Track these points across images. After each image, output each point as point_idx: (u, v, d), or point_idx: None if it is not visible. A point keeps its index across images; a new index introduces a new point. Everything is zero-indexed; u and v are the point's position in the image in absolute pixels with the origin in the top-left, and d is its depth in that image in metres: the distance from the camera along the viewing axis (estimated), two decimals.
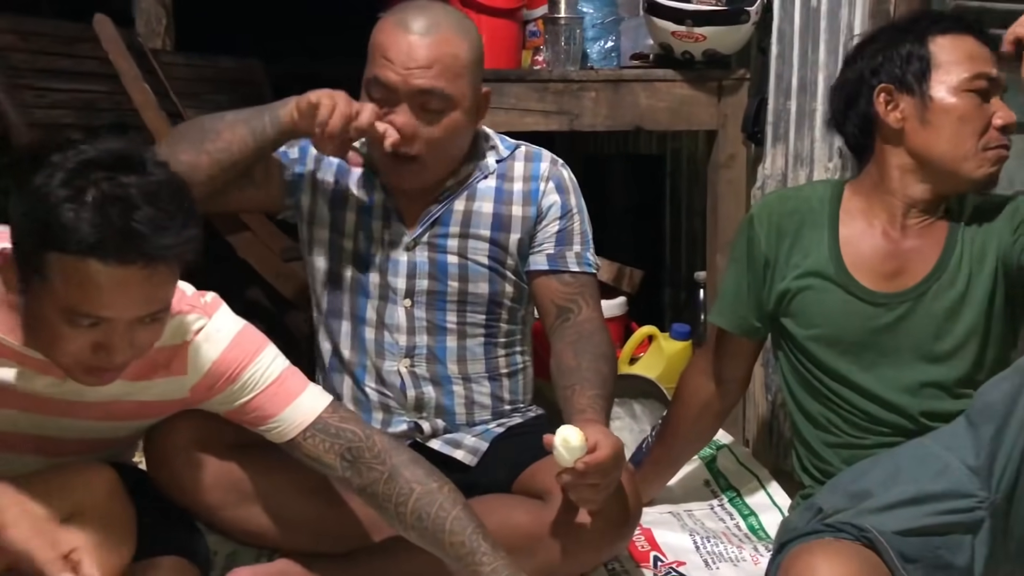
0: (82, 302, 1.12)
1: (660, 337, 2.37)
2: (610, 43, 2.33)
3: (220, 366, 1.34)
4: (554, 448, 1.36)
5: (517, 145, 1.69)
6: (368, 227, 1.64)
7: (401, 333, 1.62)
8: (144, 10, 3.59)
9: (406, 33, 1.51)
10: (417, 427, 1.63)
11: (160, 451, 1.46)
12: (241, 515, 1.49)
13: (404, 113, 1.52)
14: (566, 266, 1.65)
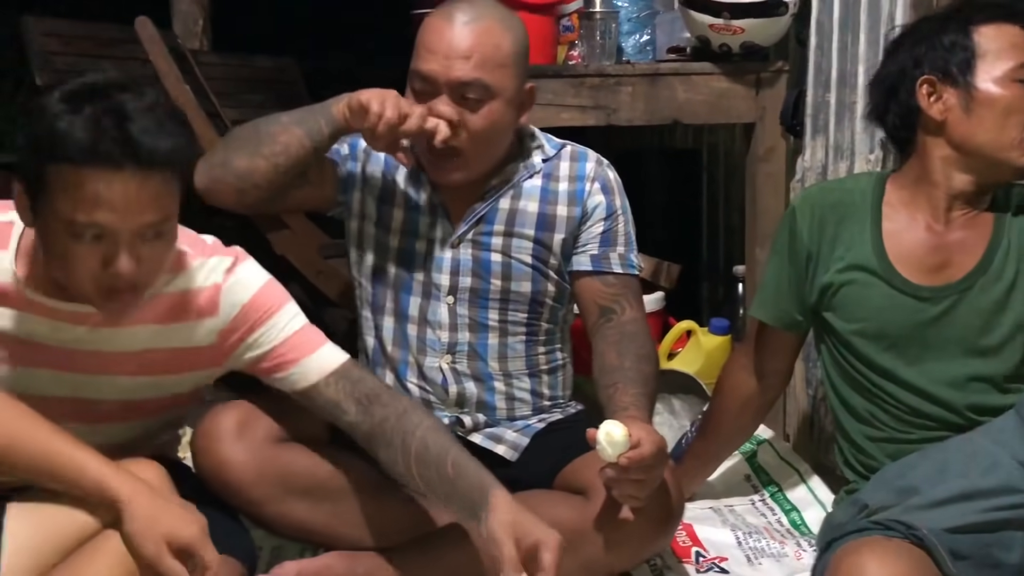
0: (81, 211, 1.15)
1: (699, 332, 2.36)
2: (645, 37, 2.32)
3: (249, 310, 1.36)
4: (597, 443, 1.36)
5: (563, 144, 1.69)
6: (415, 223, 1.64)
7: (443, 330, 1.63)
8: (181, 11, 3.64)
9: (449, 24, 1.53)
10: (458, 421, 1.64)
11: (205, 446, 1.48)
12: (286, 510, 1.50)
13: (444, 104, 1.52)
14: (609, 267, 1.65)
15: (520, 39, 1.57)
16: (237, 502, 1.48)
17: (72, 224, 1.16)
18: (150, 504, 1.16)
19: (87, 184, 1.14)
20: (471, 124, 1.53)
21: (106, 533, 1.18)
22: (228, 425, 1.47)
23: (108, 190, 1.14)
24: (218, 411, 1.50)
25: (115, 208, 1.15)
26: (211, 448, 1.47)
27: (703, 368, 2.26)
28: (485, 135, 1.55)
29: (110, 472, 1.17)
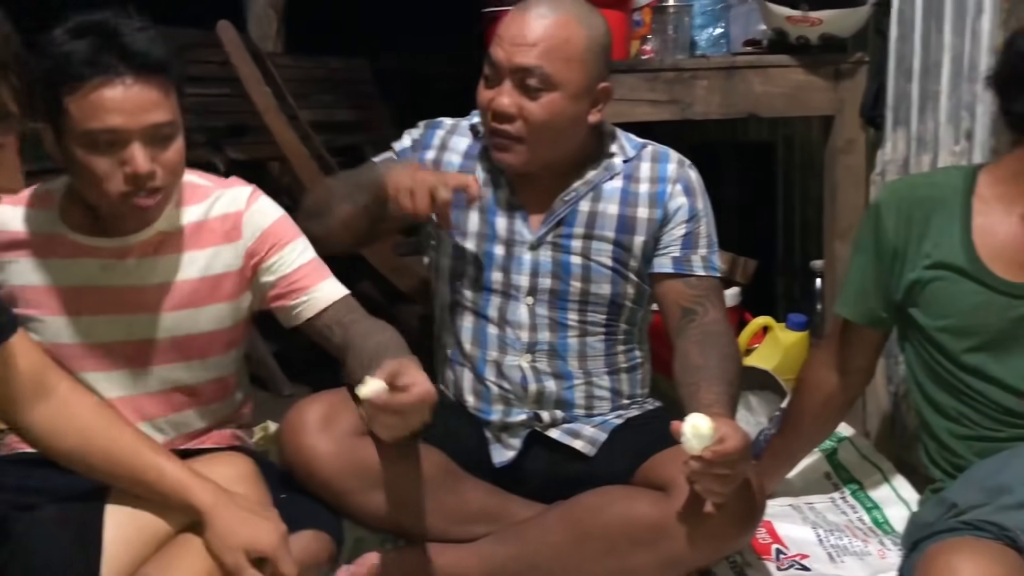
0: (94, 119, 1.30)
1: (776, 328, 2.34)
2: (719, 30, 2.30)
3: (269, 234, 1.51)
4: (682, 435, 1.35)
5: (644, 145, 1.68)
6: (492, 226, 1.64)
7: (523, 329, 1.64)
8: (256, 14, 3.73)
9: (523, 14, 1.54)
10: (536, 417, 1.65)
11: (291, 438, 1.52)
12: (368, 501, 1.52)
13: (506, 90, 1.54)
14: (691, 270, 1.64)
15: (596, 37, 1.56)
16: (321, 493, 1.51)
17: (89, 135, 1.31)
18: (229, 514, 1.21)
19: (94, 95, 1.29)
20: (529, 112, 1.53)
21: (194, 530, 1.23)
22: (313, 418, 1.51)
23: (113, 96, 1.29)
24: (303, 404, 1.54)
25: (123, 110, 1.30)
26: (296, 440, 1.51)
27: (781, 364, 2.24)
28: (543, 125, 1.54)
29: (191, 481, 1.22)
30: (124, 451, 1.23)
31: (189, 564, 1.21)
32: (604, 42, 1.58)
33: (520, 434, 1.65)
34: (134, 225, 1.45)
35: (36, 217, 1.45)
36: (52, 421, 1.24)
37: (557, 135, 1.56)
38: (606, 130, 1.68)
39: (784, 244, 2.90)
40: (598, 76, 1.57)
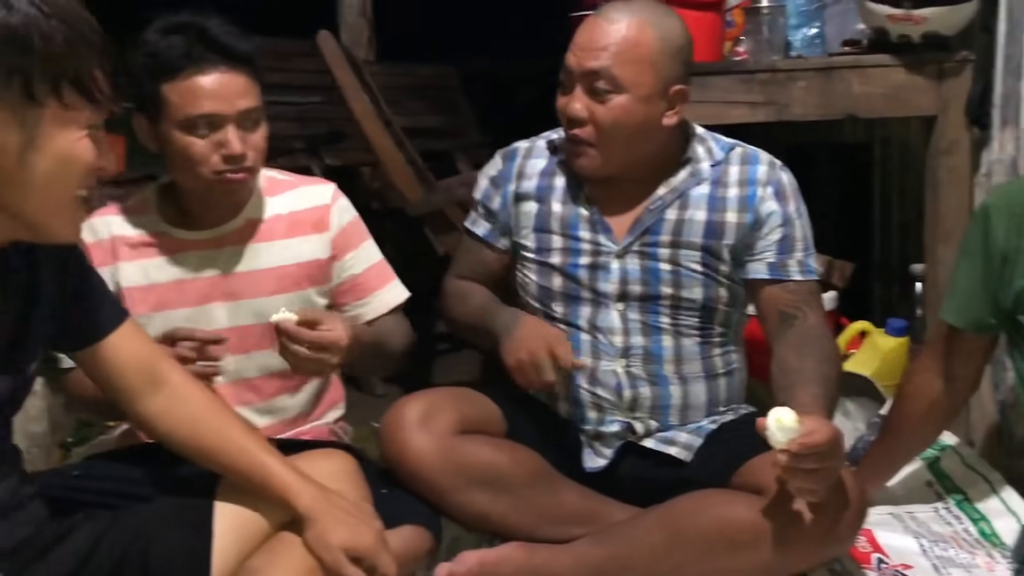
0: (193, 106, 1.44)
1: (874, 333, 2.29)
2: (814, 30, 2.27)
3: (351, 228, 1.64)
4: (766, 428, 1.33)
5: (732, 146, 1.66)
6: (576, 242, 1.63)
7: (616, 335, 1.62)
8: (349, 23, 3.81)
9: (595, 20, 1.56)
10: (630, 428, 1.64)
11: (392, 435, 1.56)
12: (466, 499, 1.55)
13: (577, 95, 1.55)
14: (788, 275, 1.61)
15: (669, 39, 1.55)
16: (421, 490, 1.55)
17: (188, 120, 1.45)
18: (328, 515, 1.23)
19: (192, 83, 1.44)
20: (597, 116, 1.54)
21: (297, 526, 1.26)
22: (413, 415, 1.55)
23: (209, 84, 1.44)
24: (403, 402, 1.58)
25: (218, 96, 1.44)
26: (397, 437, 1.55)
27: (879, 370, 2.19)
28: (613, 129, 1.54)
29: (293, 482, 1.25)
30: (232, 446, 1.27)
31: (293, 560, 1.24)
32: (679, 44, 1.56)
33: (613, 444, 1.65)
34: (224, 214, 1.57)
35: (137, 221, 1.58)
36: (165, 411, 1.29)
37: (629, 138, 1.55)
38: (692, 133, 1.65)
39: (881, 247, 2.83)
40: (672, 78, 1.55)
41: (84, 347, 1.27)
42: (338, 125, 3.26)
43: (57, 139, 1.05)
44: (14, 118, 1.02)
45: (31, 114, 1.02)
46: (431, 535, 1.49)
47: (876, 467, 1.82)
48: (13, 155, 1.03)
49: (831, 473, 1.37)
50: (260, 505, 1.26)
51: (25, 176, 1.04)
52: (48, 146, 1.04)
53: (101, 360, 1.27)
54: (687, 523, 1.49)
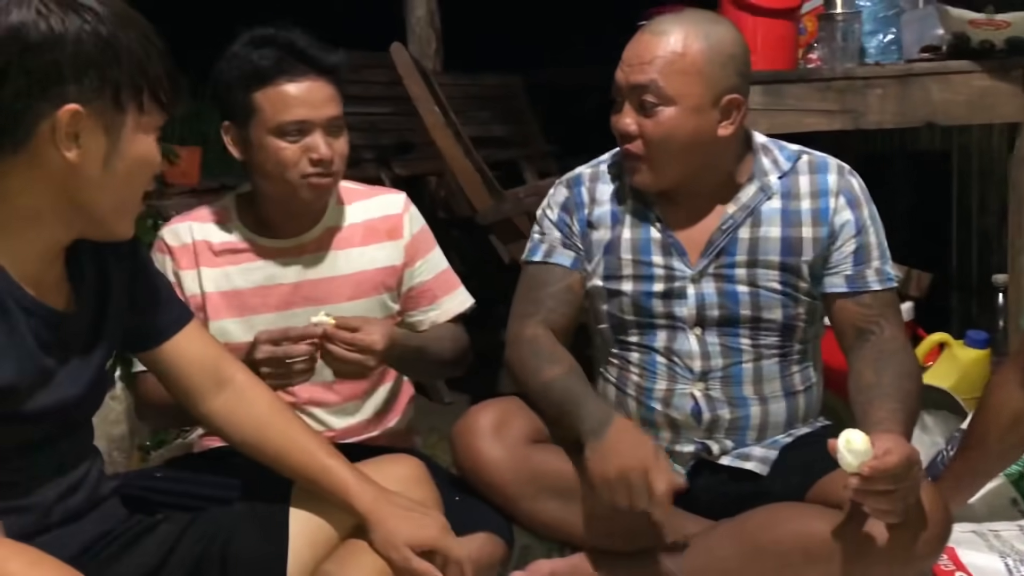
0: (285, 113, 1.50)
1: (953, 345, 2.23)
2: (890, 36, 2.23)
3: (422, 236, 1.69)
4: (837, 452, 1.30)
5: (799, 155, 1.61)
6: (648, 267, 1.59)
7: (694, 359, 1.58)
8: (417, 35, 3.86)
9: (642, 34, 1.53)
10: (705, 448, 1.61)
11: (465, 443, 1.56)
12: (538, 508, 1.55)
13: (626, 110, 1.53)
14: (866, 286, 1.57)
15: (719, 47, 1.50)
16: (493, 497, 1.55)
17: (280, 127, 1.51)
18: (389, 514, 1.24)
19: (284, 93, 1.51)
20: (646, 130, 1.51)
21: None
22: (486, 424, 1.55)
23: (300, 93, 1.51)
24: (476, 410, 1.58)
25: (309, 104, 1.51)
26: (470, 444, 1.55)
27: (958, 383, 2.14)
28: (662, 142, 1.51)
29: (353, 484, 1.26)
30: (295, 447, 1.29)
31: (364, 564, 1.25)
32: (731, 52, 1.52)
33: (687, 463, 1.62)
34: (304, 222, 1.61)
35: (219, 228, 1.63)
36: (230, 411, 1.31)
37: (682, 151, 1.52)
38: (757, 145, 1.61)
39: (959, 257, 2.77)
40: (724, 88, 1.51)
41: (150, 348, 1.30)
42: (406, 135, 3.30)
43: (136, 143, 1.10)
44: (103, 125, 1.07)
45: (116, 120, 1.08)
46: (504, 543, 1.50)
47: (957, 483, 1.77)
48: (98, 160, 1.08)
49: (907, 494, 1.33)
50: (332, 511, 1.27)
51: (106, 179, 1.09)
52: (128, 150, 1.10)
53: (167, 361, 1.31)
54: (763, 536, 1.47)
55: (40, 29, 1.03)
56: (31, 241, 1.11)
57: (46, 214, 1.09)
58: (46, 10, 1.03)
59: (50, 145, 1.05)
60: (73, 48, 1.03)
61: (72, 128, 1.05)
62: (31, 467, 1.14)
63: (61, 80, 1.04)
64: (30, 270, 1.11)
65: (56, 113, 1.04)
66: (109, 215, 1.13)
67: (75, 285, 1.18)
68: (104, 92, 1.06)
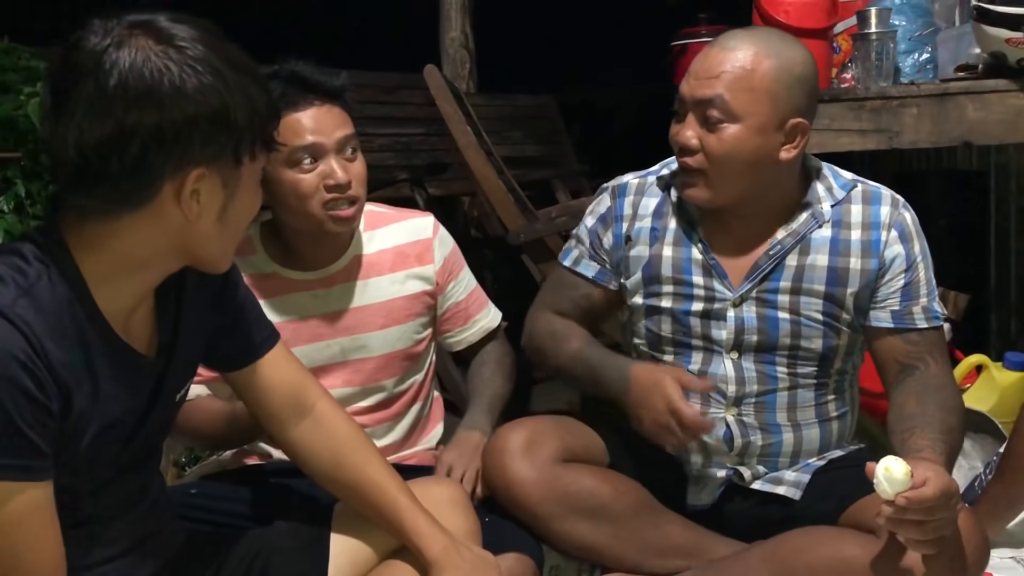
0: (295, 140, 1.49)
1: (991, 367, 2.20)
2: (925, 55, 2.21)
3: (452, 258, 1.69)
4: (875, 478, 1.28)
5: (853, 184, 1.58)
6: (689, 284, 1.58)
7: (729, 384, 1.57)
8: (451, 56, 3.89)
9: (711, 48, 1.51)
10: (737, 474, 1.60)
11: (495, 462, 1.56)
12: (569, 528, 1.54)
13: (689, 123, 1.50)
14: (913, 323, 1.54)
15: (789, 68, 1.47)
16: (523, 517, 1.55)
17: (292, 154, 1.50)
18: (455, 568, 1.23)
19: (291, 121, 1.49)
20: (707, 145, 1.48)
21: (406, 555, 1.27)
22: (516, 443, 1.55)
23: (307, 119, 1.51)
24: (506, 429, 1.59)
25: (317, 130, 1.51)
26: (500, 464, 1.55)
27: (997, 406, 2.11)
28: (724, 158, 1.47)
29: (426, 528, 1.25)
30: (369, 483, 1.27)
31: None
32: (800, 74, 1.48)
33: (718, 487, 1.61)
34: (332, 253, 1.61)
35: (245, 261, 1.59)
36: (307, 440, 1.30)
37: (742, 170, 1.49)
38: (812, 171, 1.58)
39: (997, 278, 2.72)
40: (791, 110, 1.47)
41: (235, 369, 1.29)
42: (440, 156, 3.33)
43: (248, 191, 1.10)
44: (222, 181, 1.06)
45: (234, 175, 1.07)
46: (534, 564, 1.49)
47: (994, 508, 1.74)
48: (215, 213, 1.07)
49: (943, 526, 1.30)
50: (372, 532, 1.28)
51: (221, 227, 1.08)
52: (241, 198, 1.09)
53: (250, 383, 1.29)
54: (796, 561, 1.45)
55: (166, 87, 0.98)
56: (132, 285, 1.09)
57: (154, 263, 1.09)
58: (168, 66, 0.99)
59: (171, 203, 1.03)
60: (197, 107, 1.00)
61: (195, 187, 1.03)
62: (108, 498, 1.14)
63: (189, 140, 1.00)
64: (126, 310, 1.10)
65: (183, 176, 1.02)
66: (217, 258, 1.13)
67: (159, 319, 1.17)
68: (227, 149, 1.04)
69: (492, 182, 2.50)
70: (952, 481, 1.30)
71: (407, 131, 3.33)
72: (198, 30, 1.03)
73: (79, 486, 1.09)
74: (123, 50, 0.99)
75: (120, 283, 1.08)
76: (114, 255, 1.06)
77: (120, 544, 1.16)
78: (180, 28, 1.02)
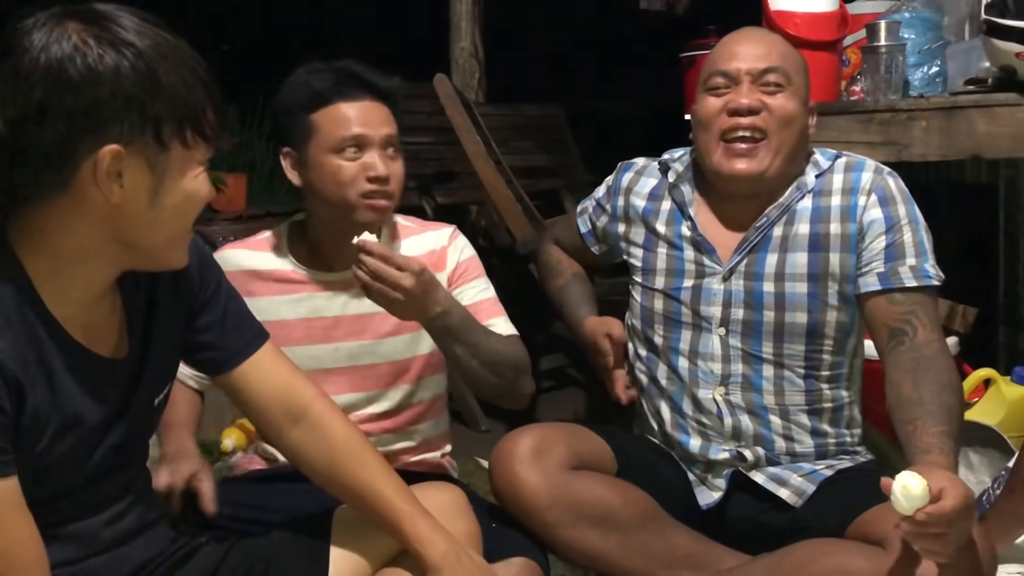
0: (344, 129, 1.54)
1: (999, 381, 2.19)
2: (934, 69, 2.22)
3: (465, 266, 1.70)
4: (892, 495, 1.28)
5: (837, 155, 1.65)
6: (680, 259, 1.65)
7: (716, 362, 1.62)
8: (460, 66, 3.90)
9: (747, 34, 1.65)
10: (740, 456, 1.61)
11: (503, 467, 1.56)
12: (576, 535, 1.54)
13: (745, 90, 1.58)
14: (900, 282, 1.54)
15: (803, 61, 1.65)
16: (530, 523, 1.54)
17: (339, 143, 1.54)
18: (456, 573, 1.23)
19: (341, 112, 1.55)
20: (773, 105, 1.57)
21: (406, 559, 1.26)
22: (525, 449, 1.55)
23: (356, 112, 1.55)
24: (515, 435, 1.59)
25: (365, 122, 1.55)
26: (508, 470, 1.55)
27: (1005, 420, 2.10)
28: (786, 119, 1.57)
29: (427, 532, 1.24)
30: (367, 489, 1.26)
31: None
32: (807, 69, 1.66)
33: (724, 473, 1.62)
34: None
35: (269, 258, 1.64)
36: (303, 444, 1.29)
37: (795, 138, 1.58)
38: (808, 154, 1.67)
39: (1006, 292, 2.72)
40: (808, 92, 1.64)
41: (220, 373, 1.29)
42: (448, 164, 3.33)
43: (182, 179, 1.08)
44: (146, 163, 1.05)
45: (160, 158, 1.05)
46: (540, 570, 1.49)
47: (1002, 523, 1.73)
48: (144, 198, 1.06)
49: (961, 535, 1.30)
50: (373, 538, 1.27)
51: (153, 216, 1.07)
52: (173, 186, 1.07)
53: (239, 386, 1.28)
54: (801, 573, 1.45)
55: (78, 66, 1.00)
56: (77, 281, 1.09)
57: (92, 254, 1.08)
58: (84, 46, 1.00)
59: (93, 185, 1.03)
60: (112, 86, 1.00)
61: (114, 168, 1.03)
62: (83, 499, 1.14)
63: (101, 119, 1.01)
64: (78, 312, 1.10)
65: (97, 153, 1.01)
66: (159, 250, 1.12)
67: (129, 322, 1.17)
68: (146, 130, 1.03)
69: (501, 191, 2.51)
70: (968, 490, 1.30)
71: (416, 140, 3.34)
72: (134, 17, 1.05)
73: (53, 487, 1.09)
74: (43, 31, 1.01)
75: (64, 280, 1.08)
76: (53, 249, 1.06)
77: (97, 544, 1.15)
78: (113, 13, 1.04)
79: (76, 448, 1.10)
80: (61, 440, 1.08)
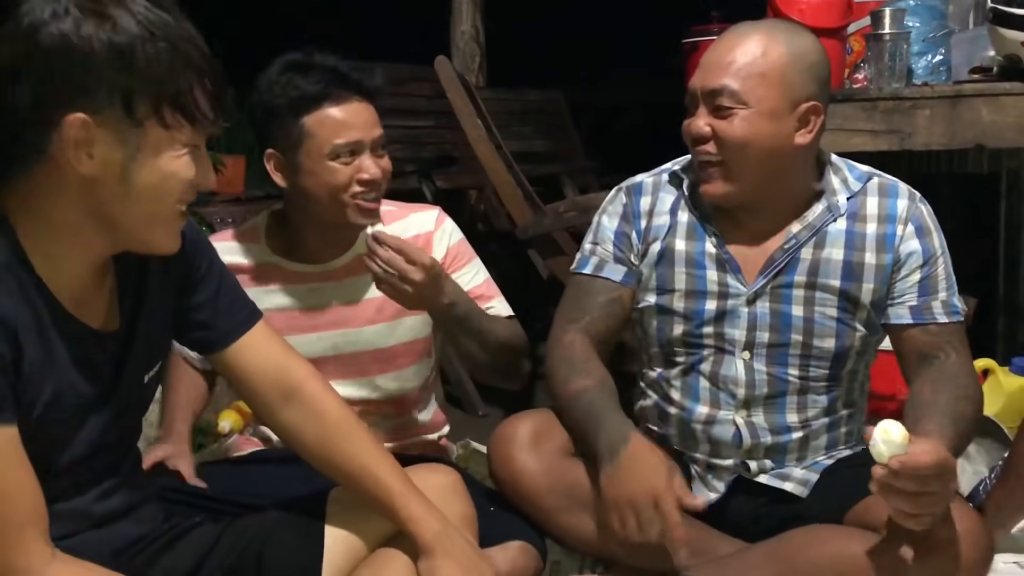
0: (337, 135, 1.51)
1: (998, 371, 2.19)
2: (938, 57, 2.20)
3: (454, 251, 1.67)
4: (871, 441, 1.26)
5: (869, 176, 1.57)
6: (703, 280, 1.56)
7: (739, 386, 1.55)
8: (461, 50, 3.89)
9: (719, 40, 1.52)
10: (744, 466, 1.59)
11: (501, 452, 1.55)
12: (574, 521, 1.54)
13: (700, 113, 1.49)
14: (932, 318, 1.53)
15: (800, 55, 1.48)
16: (527, 508, 1.54)
17: (333, 148, 1.51)
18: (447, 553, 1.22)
19: (335, 117, 1.52)
20: (720, 131, 1.47)
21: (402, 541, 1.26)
22: (523, 434, 1.54)
23: (349, 115, 1.52)
24: (513, 420, 1.58)
25: (358, 126, 1.53)
26: (506, 454, 1.54)
27: (1003, 410, 2.10)
28: (738, 145, 1.46)
29: (419, 512, 1.24)
30: (359, 469, 1.26)
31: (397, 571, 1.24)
32: (812, 60, 1.49)
33: (725, 479, 1.60)
34: (336, 250, 1.61)
35: (248, 250, 1.63)
36: (296, 424, 1.29)
37: (758, 158, 1.47)
38: (827, 164, 1.57)
39: (1006, 282, 2.71)
40: (802, 94, 1.47)
41: (213, 352, 1.29)
42: (448, 149, 3.32)
43: (160, 158, 1.06)
44: (116, 136, 1.04)
45: (132, 133, 1.04)
46: (539, 556, 1.49)
47: (998, 513, 1.73)
48: (116, 171, 1.05)
49: (935, 502, 1.29)
50: (368, 516, 1.27)
51: (126, 190, 1.06)
52: (148, 163, 1.06)
53: (231, 365, 1.29)
54: (800, 558, 1.45)
55: (52, 32, 1.00)
56: (70, 253, 1.09)
57: (80, 227, 1.08)
58: (66, 14, 1.01)
59: (61, 152, 1.03)
60: (82, 55, 1.00)
61: (82, 136, 1.02)
62: (75, 475, 1.15)
63: (70, 87, 1.01)
64: (72, 283, 1.10)
65: (65, 119, 1.01)
66: (140, 229, 1.10)
67: (121, 297, 1.17)
68: (114, 103, 1.02)
69: (502, 176, 2.50)
70: (950, 457, 1.29)
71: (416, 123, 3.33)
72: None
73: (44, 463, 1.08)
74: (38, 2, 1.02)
75: (55, 252, 1.08)
76: (42, 220, 1.07)
77: (88, 519, 1.16)
78: None
79: (70, 419, 1.11)
80: (55, 408, 1.08)
